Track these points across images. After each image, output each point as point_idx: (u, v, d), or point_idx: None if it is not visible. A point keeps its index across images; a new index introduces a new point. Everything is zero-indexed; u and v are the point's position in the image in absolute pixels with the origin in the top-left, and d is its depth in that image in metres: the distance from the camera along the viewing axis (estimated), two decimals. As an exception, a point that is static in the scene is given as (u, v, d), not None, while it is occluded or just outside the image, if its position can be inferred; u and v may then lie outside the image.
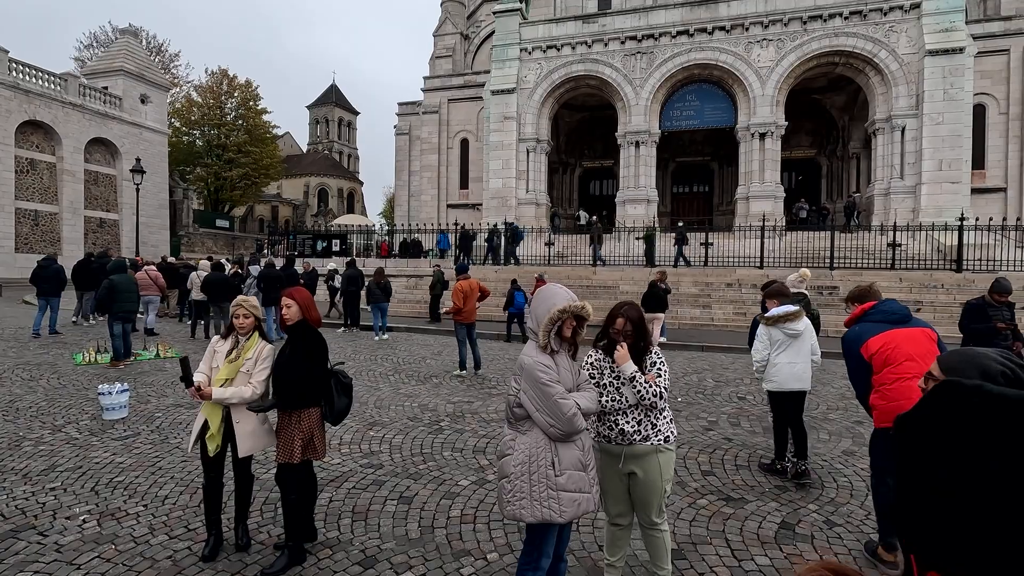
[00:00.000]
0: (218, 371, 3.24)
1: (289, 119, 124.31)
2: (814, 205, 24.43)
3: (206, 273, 12.06)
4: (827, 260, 16.60)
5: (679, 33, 22.14)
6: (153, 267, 13.57)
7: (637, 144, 23.04)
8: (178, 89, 43.73)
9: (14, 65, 27.48)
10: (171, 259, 19.77)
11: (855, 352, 3.46)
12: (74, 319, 13.53)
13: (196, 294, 12.22)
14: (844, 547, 3.57)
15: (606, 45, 23.12)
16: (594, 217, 23.84)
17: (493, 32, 27.11)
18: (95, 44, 42.32)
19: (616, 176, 25.31)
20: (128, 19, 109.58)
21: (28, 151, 28.32)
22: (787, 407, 4.69)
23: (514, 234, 19.64)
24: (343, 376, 3.35)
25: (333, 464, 4.72)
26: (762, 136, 21.56)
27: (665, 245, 18.70)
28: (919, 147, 19.59)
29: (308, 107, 76.30)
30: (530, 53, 24.18)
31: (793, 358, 4.55)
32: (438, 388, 7.69)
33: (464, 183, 33.39)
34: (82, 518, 3.69)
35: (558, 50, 23.77)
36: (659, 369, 2.78)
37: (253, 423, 3.29)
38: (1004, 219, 17.68)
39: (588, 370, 2.89)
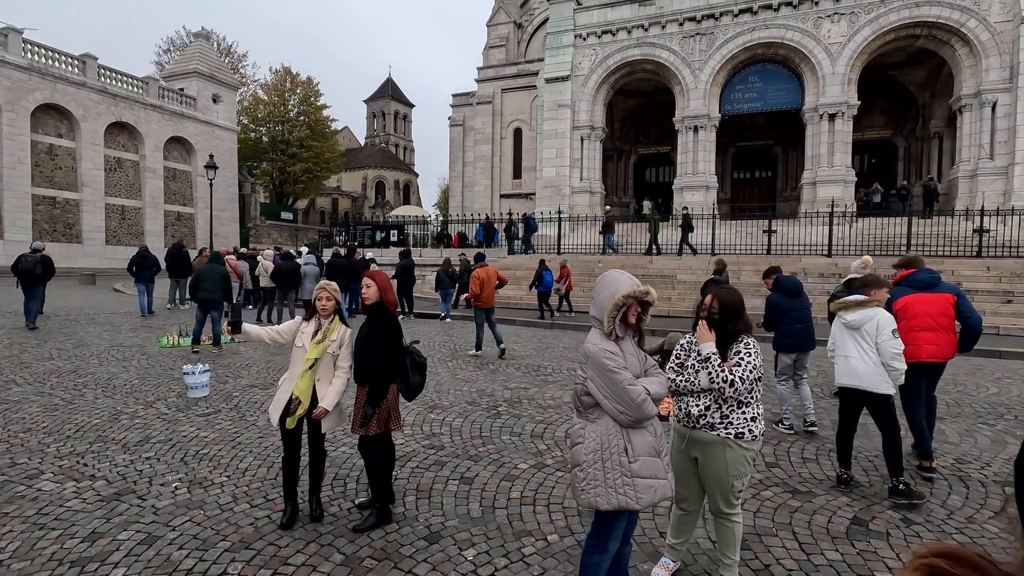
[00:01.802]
0: (305, 351, 3.44)
1: (348, 113, 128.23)
2: (892, 189, 22.84)
3: (268, 264, 12.86)
4: (903, 248, 15.58)
5: (742, 11, 21.19)
6: (232, 256, 14.48)
7: (695, 129, 22.32)
8: (246, 88, 45.92)
9: (102, 71, 29.65)
10: (242, 249, 20.90)
11: (889, 307, 4.57)
12: (168, 305, 14.90)
13: (265, 281, 12.93)
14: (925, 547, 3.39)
15: (663, 28, 22.45)
16: (651, 204, 23.38)
17: (547, 20, 26.88)
18: (172, 48, 45.04)
19: (673, 162, 24.68)
20: (201, 22, 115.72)
21: (115, 150, 30.58)
22: (843, 407, 4.28)
23: (527, 225, 20.69)
24: (418, 355, 3.58)
25: (397, 444, 4.88)
26: (831, 117, 20.39)
27: (672, 233, 18.42)
28: (1013, 124, 17.97)
29: (365, 101, 78.36)
30: (584, 39, 23.81)
31: (848, 351, 4.12)
32: (495, 374, 7.81)
33: (517, 173, 33.46)
34: (174, 485, 4.02)
35: (613, 35, 23.28)
36: (741, 358, 2.69)
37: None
38: (1113, 201, 15.99)
39: (677, 350, 2.90)
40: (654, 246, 18.87)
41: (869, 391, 4.05)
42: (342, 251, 15.82)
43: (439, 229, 26.17)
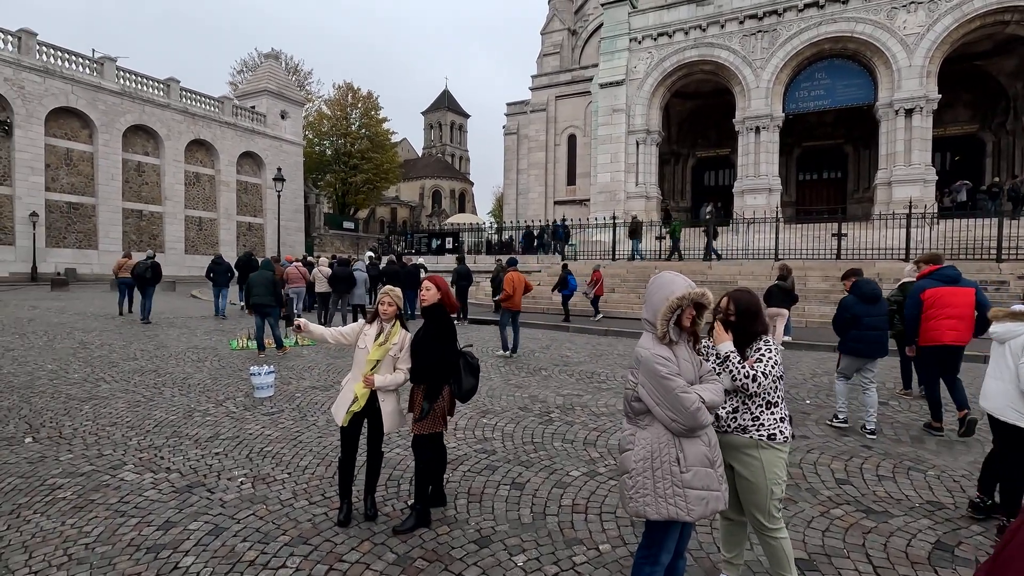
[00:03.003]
0: (367, 352, 3.56)
1: (405, 125, 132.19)
2: (982, 186, 21.07)
3: (325, 269, 13.42)
4: (993, 251, 14.34)
5: (807, 6, 20.29)
6: (299, 263, 15.25)
7: (757, 130, 21.49)
8: (311, 104, 48.24)
9: (183, 93, 31.96)
10: (310, 258, 21.94)
11: (916, 295, 5.53)
12: (242, 309, 15.80)
13: (320, 287, 13.50)
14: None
15: (722, 27, 21.81)
16: (709, 207, 22.69)
17: (601, 25, 26.70)
18: (245, 68, 47.96)
19: (733, 165, 23.86)
20: (271, 44, 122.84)
21: (194, 166, 32.84)
22: (996, 436, 3.66)
23: (555, 232, 21.85)
24: (471, 358, 3.65)
25: (449, 447, 4.94)
26: (908, 112, 19.12)
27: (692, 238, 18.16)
28: (1122, 113, 16.22)
29: (423, 113, 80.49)
30: (640, 43, 23.48)
31: (990, 368, 3.65)
32: (547, 380, 7.76)
33: (571, 179, 33.34)
34: (240, 480, 4.22)
35: (670, 37, 22.84)
36: (762, 354, 2.60)
37: (393, 403, 3.64)
38: None
39: None
40: (676, 252, 18.72)
41: (996, 418, 3.57)
42: (393, 258, 16.38)
43: (498, 236, 26.62)
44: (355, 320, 8.73)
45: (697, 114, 27.52)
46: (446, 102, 79.25)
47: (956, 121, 23.37)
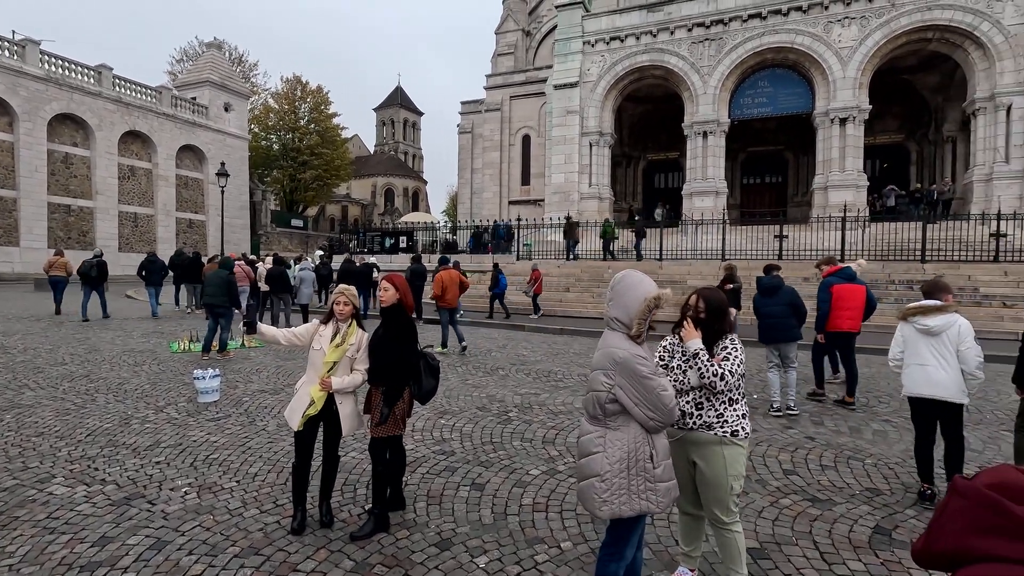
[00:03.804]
0: (324, 354, 3.44)
1: (357, 122, 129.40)
2: (903, 191, 22.55)
3: (264, 267, 13.09)
4: (918, 252, 15.38)
5: (751, 16, 21.12)
6: (243, 261, 14.69)
7: (705, 134, 22.23)
8: (257, 96, 46.45)
9: (117, 81, 30.12)
10: (251, 256, 21.16)
11: (827, 288, 6.71)
12: (188, 309, 15.48)
13: (263, 286, 13.11)
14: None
15: (672, 33, 22.43)
16: (660, 209, 23.32)
17: (555, 27, 26.95)
18: (185, 58, 45.68)
19: (682, 168, 24.57)
20: (213, 32, 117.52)
21: (129, 159, 31.00)
22: (921, 418, 4.07)
23: (495, 232, 22.41)
24: (431, 359, 3.61)
25: (407, 449, 4.83)
26: (843, 121, 20.23)
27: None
28: (1028, 127, 17.72)
29: (375, 109, 79.01)
30: (593, 46, 23.84)
31: (924, 359, 3.95)
32: (504, 379, 7.75)
33: (526, 179, 33.48)
34: (184, 490, 3.99)
35: (622, 41, 23.29)
36: (728, 353, 2.67)
37: (351, 406, 3.54)
38: None
39: (660, 352, 2.85)
40: (608, 253, 19.32)
41: (947, 401, 3.88)
42: (348, 256, 16.12)
43: (452, 235, 26.55)
44: (305, 320, 8.47)
45: (648, 118, 28.19)
46: (399, 99, 78.07)
47: (885, 131, 24.91)
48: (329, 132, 46.83)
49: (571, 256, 19.84)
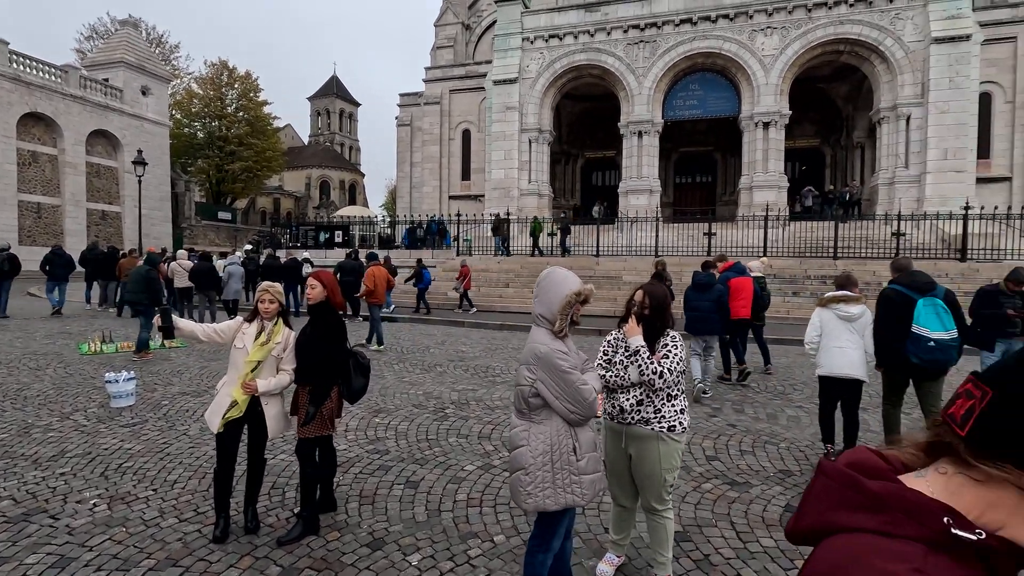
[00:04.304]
0: (247, 353, 3.30)
1: (290, 112, 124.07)
2: (819, 192, 24.19)
3: (185, 263, 12.37)
4: (831, 249, 16.55)
5: (682, 21, 21.95)
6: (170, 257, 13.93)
7: (640, 134, 22.92)
8: (179, 81, 43.60)
9: (15, 57, 27.40)
10: (169, 253, 20.01)
11: (725, 282, 7.33)
12: (100, 307, 14.58)
13: (181, 282, 12.34)
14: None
15: (609, 34, 22.95)
16: (598, 207, 23.84)
17: (495, 22, 26.94)
18: (95, 36, 42.17)
19: (619, 166, 25.22)
20: (128, 9, 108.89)
21: (30, 144, 28.31)
22: (832, 394, 4.62)
23: (428, 228, 22.35)
24: (361, 357, 3.55)
25: (340, 449, 4.73)
26: (766, 125, 21.43)
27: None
28: (924, 136, 19.45)
29: (309, 99, 76.03)
30: (532, 43, 24.01)
31: (842, 342, 4.48)
32: (442, 376, 7.72)
33: (466, 174, 33.31)
34: (92, 502, 3.73)
35: (560, 39, 23.60)
36: (669, 350, 2.77)
37: (278, 407, 3.43)
38: (1009, 208, 17.55)
39: (604, 347, 2.92)
40: (536, 249, 19.85)
41: (857, 378, 4.48)
42: (272, 251, 15.60)
43: (391, 230, 26.03)
44: (231, 317, 8.08)
45: (587, 116, 28.74)
46: (335, 88, 75.50)
47: (803, 135, 26.62)
48: (259, 121, 44.63)
49: (502, 253, 20.01)
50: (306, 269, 15.06)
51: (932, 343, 4.06)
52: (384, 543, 3.29)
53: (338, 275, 13.86)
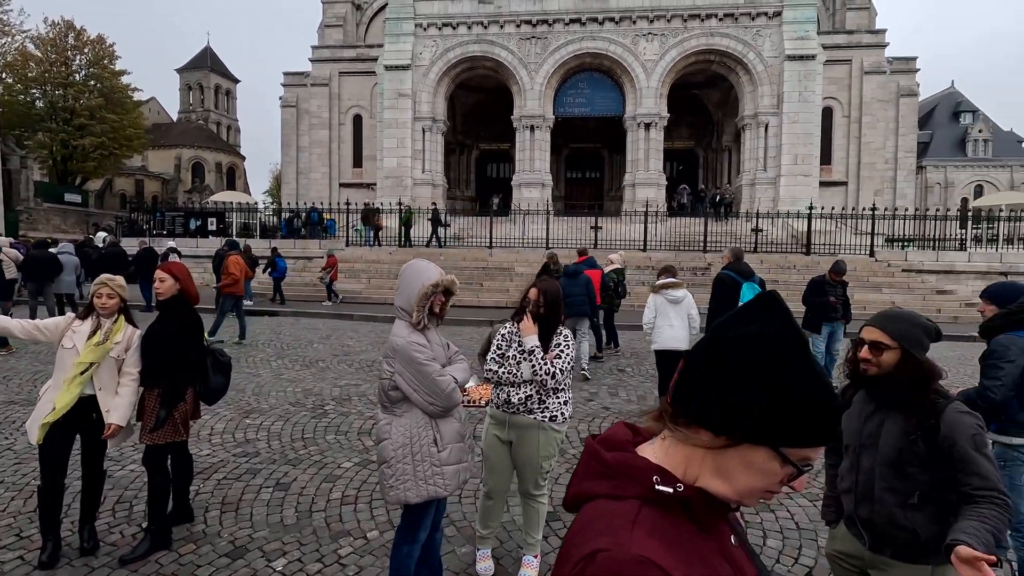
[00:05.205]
0: (77, 354, 2.91)
1: (156, 85, 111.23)
2: (692, 191, 26.31)
3: (10, 251, 10.64)
4: (701, 244, 18.10)
5: (572, 21, 22.69)
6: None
7: (532, 128, 23.43)
8: (9, 39, 37.39)
9: None
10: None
11: (586, 274, 7.66)
12: None
13: (10, 273, 10.66)
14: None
15: (502, 27, 23.14)
16: (494, 199, 24.07)
17: (387, 4, 26.05)
18: None
19: (513, 159, 25.62)
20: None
21: None
22: (666, 365, 5.39)
23: (308, 217, 21.74)
24: (220, 355, 3.32)
25: (202, 455, 4.39)
26: (647, 126, 22.85)
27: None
28: (779, 143, 21.85)
29: (178, 71, 68.73)
30: (425, 29, 23.58)
31: (671, 321, 5.37)
32: (324, 372, 7.41)
33: (358, 161, 32.06)
34: None
35: (454, 28, 23.40)
36: (562, 350, 2.85)
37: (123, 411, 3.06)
38: (843, 209, 20.29)
39: (498, 340, 2.93)
40: (407, 241, 19.95)
41: (683, 350, 5.12)
42: (112, 239, 13.92)
43: (276, 218, 24.41)
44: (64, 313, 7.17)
45: (481, 108, 28.81)
46: (208, 61, 68.82)
47: (680, 137, 28.77)
48: (116, 93, 39.52)
49: (372, 244, 19.61)
50: (172, 260, 13.65)
51: None
52: (247, 551, 3.11)
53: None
